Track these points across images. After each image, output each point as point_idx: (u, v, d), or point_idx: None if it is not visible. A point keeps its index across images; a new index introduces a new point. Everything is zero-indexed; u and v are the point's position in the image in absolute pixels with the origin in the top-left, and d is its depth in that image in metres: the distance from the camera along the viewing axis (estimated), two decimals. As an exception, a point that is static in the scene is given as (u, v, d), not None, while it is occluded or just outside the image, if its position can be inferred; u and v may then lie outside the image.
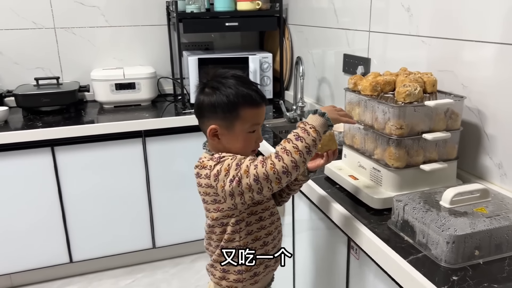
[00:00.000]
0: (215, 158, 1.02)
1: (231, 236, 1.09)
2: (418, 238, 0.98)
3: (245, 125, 1.05)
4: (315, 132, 0.96)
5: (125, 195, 2.22)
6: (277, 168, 0.92)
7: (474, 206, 1.00)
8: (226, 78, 1.06)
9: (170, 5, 2.41)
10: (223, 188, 0.97)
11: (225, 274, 1.13)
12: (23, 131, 2.01)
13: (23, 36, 2.38)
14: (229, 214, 1.07)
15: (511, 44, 1.11)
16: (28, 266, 2.18)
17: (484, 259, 0.92)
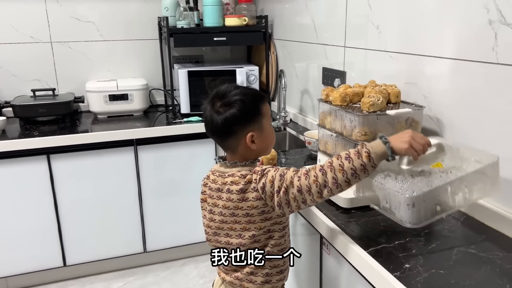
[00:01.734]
0: (258, 172, 1.09)
1: (278, 241, 1.14)
2: (382, 204, 1.06)
3: (268, 119, 1.17)
4: (368, 158, 0.97)
5: (117, 201, 2.32)
6: (319, 181, 0.99)
7: (431, 162, 1.07)
8: (230, 92, 1.13)
9: (161, 21, 2.54)
10: (272, 199, 1.05)
11: (268, 278, 1.17)
12: (20, 140, 2.12)
13: (21, 49, 2.50)
14: (278, 221, 1.13)
15: (463, 60, 1.25)
16: (24, 270, 2.27)
17: (446, 212, 1.02)
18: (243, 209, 1.10)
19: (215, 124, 1.12)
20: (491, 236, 1.14)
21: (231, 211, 1.12)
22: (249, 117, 1.12)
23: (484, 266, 1.00)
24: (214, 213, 1.16)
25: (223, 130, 1.12)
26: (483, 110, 1.20)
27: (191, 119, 2.40)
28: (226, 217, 1.13)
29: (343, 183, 0.99)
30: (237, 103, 1.10)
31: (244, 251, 1.14)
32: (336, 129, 1.39)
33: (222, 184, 1.12)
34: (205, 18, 2.50)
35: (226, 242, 1.16)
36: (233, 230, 1.14)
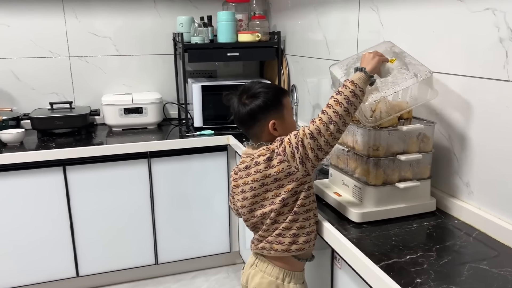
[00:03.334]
0: (276, 141, 1.24)
1: (304, 201, 1.24)
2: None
3: (289, 111, 1.32)
4: (353, 84, 1.15)
5: (130, 213, 2.35)
6: (324, 120, 1.14)
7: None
8: (255, 85, 1.31)
9: (176, 36, 2.60)
10: (293, 157, 1.18)
11: (295, 239, 1.26)
12: (37, 151, 2.16)
13: (40, 63, 2.57)
14: (303, 181, 1.22)
15: (474, 77, 1.26)
16: (38, 280, 2.30)
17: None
18: (271, 176, 1.22)
19: (242, 114, 1.29)
20: (504, 252, 1.14)
21: (260, 182, 1.25)
22: (271, 107, 1.28)
23: (496, 283, 1.00)
24: (246, 191, 1.28)
25: (249, 119, 1.29)
26: (494, 126, 1.21)
27: (204, 132, 2.43)
28: (257, 190, 1.26)
29: (344, 113, 1.14)
30: (261, 95, 1.28)
31: (275, 216, 1.25)
32: (348, 143, 1.41)
33: (250, 161, 1.27)
34: (219, 34, 2.55)
35: (261, 213, 1.28)
36: (266, 199, 1.26)
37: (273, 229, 1.28)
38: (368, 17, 1.76)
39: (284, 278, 1.32)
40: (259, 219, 1.30)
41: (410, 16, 1.51)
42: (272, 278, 1.32)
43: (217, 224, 2.49)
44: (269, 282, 1.32)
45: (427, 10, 1.43)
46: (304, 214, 1.26)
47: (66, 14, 2.56)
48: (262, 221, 1.30)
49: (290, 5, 2.53)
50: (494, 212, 1.24)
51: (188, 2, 2.76)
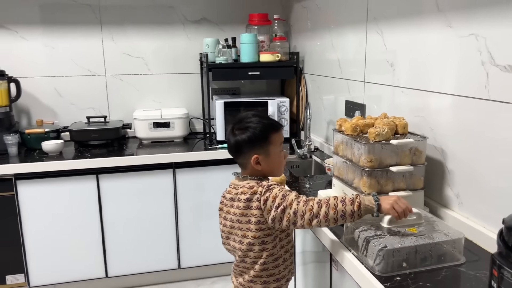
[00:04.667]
0: (264, 186, 1.27)
1: (272, 251, 1.31)
2: (361, 252, 1.21)
3: (276, 147, 1.36)
4: (358, 207, 1.17)
5: (156, 219, 2.54)
6: (313, 211, 1.19)
7: (408, 227, 1.23)
8: (248, 118, 1.37)
9: (202, 57, 2.81)
10: (269, 212, 1.24)
11: (265, 285, 1.35)
12: (74, 160, 2.39)
13: (79, 81, 2.84)
14: (269, 233, 1.30)
15: (461, 96, 1.37)
16: (70, 279, 2.51)
17: (411, 270, 1.14)
18: (246, 216, 1.29)
19: (230, 144, 1.38)
20: (484, 257, 1.23)
21: (237, 217, 1.31)
22: (257, 143, 1.33)
23: (468, 282, 1.10)
24: (227, 219, 1.36)
25: (235, 150, 1.37)
26: (481, 141, 1.31)
27: (226, 145, 2.60)
28: (233, 222, 1.33)
29: (331, 219, 1.19)
30: (248, 130, 1.33)
31: (242, 256, 1.32)
32: (347, 156, 1.54)
33: (235, 194, 1.33)
34: (242, 54, 2.73)
35: (233, 246, 1.36)
36: (236, 235, 1.33)
37: (243, 267, 1.37)
38: (374, 40, 1.89)
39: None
40: (231, 249, 1.39)
41: (408, 40, 1.64)
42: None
43: (236, 233, 2.64)
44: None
45: (423, 34, 1.55)
46: (273, 262, 1.34)
47: (103, 36, 2.82)
48: (234, 252, 1.38)
49: (310, 27, 2.69)
50: (479, 221, 1.33)
51: (215, 24, 2.98)
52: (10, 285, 2.43)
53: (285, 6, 3.05)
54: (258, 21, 2.81)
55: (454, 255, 1.20)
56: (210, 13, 2.95)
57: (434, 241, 1.17)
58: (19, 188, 2.33)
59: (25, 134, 2.55)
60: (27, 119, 2.82)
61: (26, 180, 2.33)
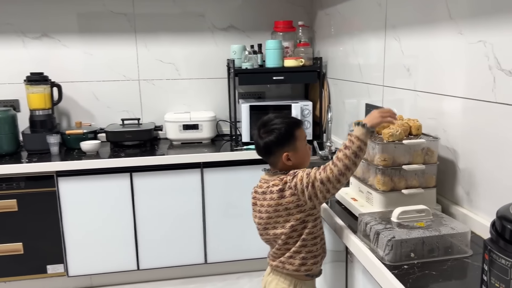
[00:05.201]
0: (290, 174, 1.42)
1: (311, 230, 1.45)
2: (373, 243, 1.31)
3: (302, 142, 1.50)
4: (359, 140, 1.34)
5: (184, 216, 2.69)
6: (334, 172, 1.34)
7: (416, 221, 1.32)
8: (272, 120, 1.50)
9: (229, 63, 2.95)
10: (303, 193, 1.38)
11: (304, 261, 1.47)
12: (109, 159, 2.57)
13: (114, 86, 3.03)
14: (310, 213, 1.43)
15: (471, 99, 1.45)
16: (105, 270, 2.68)
17: (419, 260, 1.23)
18: (282, 205, 1.43)
19: (259, 147, 1.51)
20: (490, 251, 1.30)
21: (273, 208, 1.44)
22: (284, 141, 1.46)
23: (472, 272, 1.18)
24: (262, 212, 1.48)
25: (264, 152, 1.51)
26: (490, 142, 1.38)
27: (251, 147, 2.73)
28: (270, 213, 1.46)
29: (352, 165, 1.34)
30: (274, 132, 1.47)
31: (286, 238, 1.45)
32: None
33: (266, 188, 1.46)
34: (267, 60, 2.86)
35: (273, 233, 1.48)
36: (277, 223, 1.46)
37: (285, 250, 1.48)
38: (392, 46, 1.98)
39: (295, 285, 1.52)
40: (272, 238, 1.50)
41: (423, 46, 1.72)
42: (285, 285, 1.52)
43: (260, 230, 2.75)
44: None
45: (436, 40, 1.63)
46: (312, 240, 1.46)
47: (138, 43, 3.01)
48: (274, 240, 1.50)
49: (333, 33, 2.79)
50: (488, 217, 1.41)
51: (242, 32, 3.12)
52: (51, 275, 2.63)
53: (309, 13, 3.16)
54: (283, 28, 2.93)
55: (460, 248, 1.28)
56: (238, 21, 3.10)
57: (440, 233, 1.26)
58: (60, 185, 2.53)
59: (66, 135, 2.75)
60: (67, 121, 3.03)
61: (67, 177, 2.53)
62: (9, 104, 2.92)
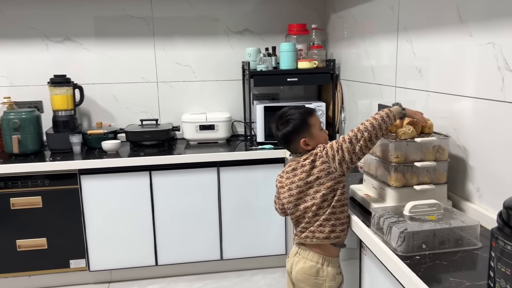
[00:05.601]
0: (319, 147, 1.58)
1: (340, 197, 1.57)
2: (386, 235, 1.37)
3: (316, 127, 1.65)
4: (390, 111, 1.52)
5: (201, 213, 2.77)
6: (361, 129, 1.50)
7: (428, 215, 1.38)
8: (286, 112, 1.66)
9: (244, 65, 3.03)
10: (334, 159, 1.52)
11: (333, 228, 1.58)
12: (129, 158, 2.67)
13: (133, 87, 3.13)
14: (339, 180, 1.56)
15: (480, 98, 1.51)
16: (124, 265, 2.78)
17: (430, 251, 1.30)
18: (314, 175, 1.56)
19: (279, 138, 1.68)
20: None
21: (304, 180, 1.58)
22: (300, 129, 1.62)
23: (481, 262, 1.24)
24: (292, 189, 1.61)
25: (284, 142, 1.67)
26: (499, 140, 1.44)
27: (265, 146, 2.81)
28: (301, 187, 1.59)
29: (377, 127, 1.49)
30: (290, 122, 1.63)
31: (316, 209, 1.57)
32: (376, 153, 1.70)
33: (296, 164, 1.61)
34: (281, 62, 2.94)
35: (304, 207, 1.60)
36: (308, 195, 1.59)
37: (314, 221, 1.60)
38: (404, 48, 2.04)
39: (323, 263, 1.63)
40: (302, 213, 1.62)
41: (434, 48, 1.79)
42: (313, 262, 1.63)
43: (274, 228, 2.83)
44: (310, 266, 1.63)
45: (447, 42, 1.69)
46: (340, 207, 1.58)
47: (156, 47, 3.11)
48: (304, 215, 1.62)
49: (346, 36, 2.86)
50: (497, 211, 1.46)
51: (256, 35, 3.20)
52: (73, 269, 2.73)
53: (322, 17, 3.23)
54: (297, 31, 3.00)
55: (470, 240, 1.34)
56: (252, 24, 3.18)
57: (451, 226, 1.32)
58: (82, 182, 2.63)
59: (87, 135, 2.86)
60: (88, 121, 3.14)
61: (89, 175, 2.63)
62: (33, 105, 3.04)
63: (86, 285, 2.82)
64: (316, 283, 1.63)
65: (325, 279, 1.62)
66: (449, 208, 1.48)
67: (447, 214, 1.41)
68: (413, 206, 1.39)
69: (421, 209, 1.40)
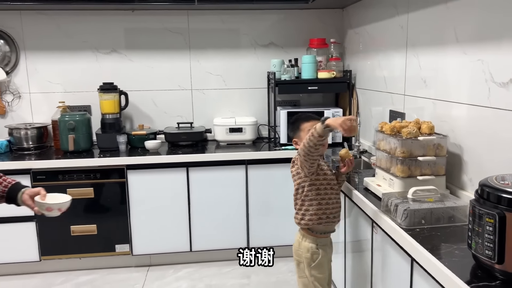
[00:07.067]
0: (297, 155, 2.01)
1: (307, 193, 1.99)
2: (393, 214, 1.71)
3: (305, 132, 2.01)
4: (314, 128, 1.80)
5: (231, 205, 3.13)
6: (303, 148, 1.87)
7: (427, 197, 1.71)
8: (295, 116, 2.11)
9: (270, 74, 3.40)
10: (298, 162, 1.98)
11: (303, 217, 2.02)
12: (168, 156, 3.05)
13: (171, 94, 3.52)
14: (305, 180, 1.99)
15: (472, 105, 1.84)
16: (162, 250, 3.14)
17: (428, 226, 1.63)
18: (293, 172, 2.06)
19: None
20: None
21: (292, 174, 2.09)
22: (293, 131, 2.09)
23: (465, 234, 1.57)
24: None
25: (288, 138, 2.07)
26: (487, 139, 1.77)
27: (287, 147, 3.16)
28: (293, 178, 2.06)
29: (306, 145, 1.83)
30: (291, 125, 2.12)
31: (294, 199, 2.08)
32: (386, 150, 2.04)
33: (294, 158, 2.04)
34: (303, 72, 3.29)
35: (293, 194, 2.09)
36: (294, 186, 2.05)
37: (295, 207, 2.06)
38: (412, 61, 2.38)
39: (302, 238, 2.08)
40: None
41: (436, 62, 2.12)
42: (298, 237, 2.13)
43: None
44: (296, 240, 2.14)
45: (446, 58, 2.03)
46: (309, 201, 2.01)
47: (191, 59, 3.50)
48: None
49: (362, 49, 3.20)
50: (485, 197, 1.78)
51: (280, 48, 3.57)
52: (118, 253, 3.11)
53: (340, 32, 3.59)
54: (317, 44, 3.36)
55: (461, 218, 1.66)
56: (277, 38, 3.55)
57: (445, 206, 1.65)
58: (129, 176, 3.02)
59: (131, 135, 3.25)
60: (130, 124, 3.54)
61: (134, 170, 3.01)
62: (83, 109, 3.45)
63: (129, 268, 3.19)
64: (298, 253, 2.10)
65: (303, 250, 2.06)
66: (445, 194, 1.81)
67: (443, 198, 1.74)
68: (415, 190, 1.73)
69: (421, 193, 1.73)
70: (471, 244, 1.29)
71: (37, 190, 1.66)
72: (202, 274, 3.11)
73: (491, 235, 1.20)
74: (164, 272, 3.15)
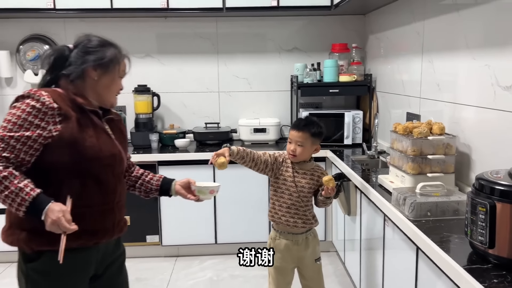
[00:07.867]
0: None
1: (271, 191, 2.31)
2: (401, 206, 1.85)
3: (289, 138, 2.21)
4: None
5: (253, 201, 3.31)
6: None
7: (434, 192, 1.84)
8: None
9: (293, 78, 3.57)
10: None
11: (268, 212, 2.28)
12: (197, 153, 3.26)
13: (199, 96, 3.74)
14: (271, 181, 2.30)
15: (479, 107, 1.96)
16: (189, 242, 3.36)
17: (433, 218, 1.76)
18: None
19: None
20: None
21: None
22: None
23: (470, 225, 1.69)
24: None
25: None
26: (493, 139, 1.89)
27: (310, 147, 3.31)
28: None
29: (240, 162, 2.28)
30: None
31: None
32: (399, 148, 2.18)
33: None
34: (325, 76, 3.45)
35: None
36: None
37: None
38: (427, 66, 2.51)
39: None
40: None
41: (448, 67, 2.25)
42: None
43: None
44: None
45: (457, 63, 2.16)
46: (271, 198, 2.29)
47: (219, 63, 3.71)
48: None
49: (382, 54, 3.34)
50: (490, 193, 1.90)
51: (304, 52, 3.73)
52: (149, 243, 3.34)
53: (362, 37, 3.72)
54: (339, 49, 3.51)
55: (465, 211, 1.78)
56: (301, 43, 3.72)
57: (449, 200, 1.79)
58: (160, 171, 3.24)
59: (163, 134, 3.48)
60: (161, 123, 3.78)
61: (165, 166, 3.24)
62: (119, 109, 3.70)
63: (158, 258, 3.42)
64: None
65: None
66: (452, 189, 1.93)
67: (449, 193, 1.87)
68: (422, 186, 1.86)
69: (429, 189, 1.87)
70: (467, 231, 1.43)
71: (186, 180, 1.93)
72: (226, 265, 3.30)
73: (483, 223, 1.33)
74: (191, 262, 3.35)
